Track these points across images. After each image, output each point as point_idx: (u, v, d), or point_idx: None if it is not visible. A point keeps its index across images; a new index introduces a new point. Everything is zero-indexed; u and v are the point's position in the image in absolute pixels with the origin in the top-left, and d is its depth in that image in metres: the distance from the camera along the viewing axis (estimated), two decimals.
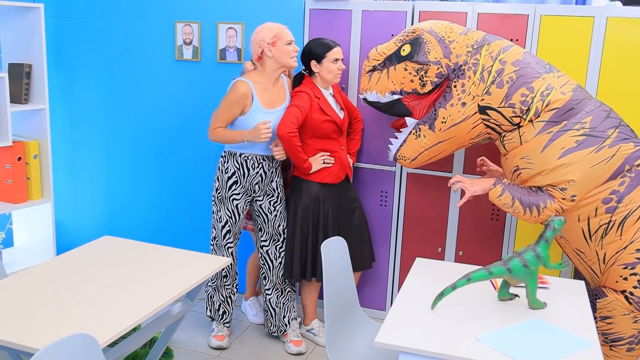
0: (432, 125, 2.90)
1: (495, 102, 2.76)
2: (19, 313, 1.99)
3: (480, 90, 2.79)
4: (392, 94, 2.94)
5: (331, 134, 3.21)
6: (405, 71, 2.89)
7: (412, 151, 2.99)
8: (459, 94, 2.82)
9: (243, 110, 3.06)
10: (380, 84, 2.95)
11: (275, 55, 3.04)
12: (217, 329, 3.35)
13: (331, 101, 3.23)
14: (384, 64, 2.94)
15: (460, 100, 2.82)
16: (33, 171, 3.64)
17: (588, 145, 2.63)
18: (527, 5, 3.18)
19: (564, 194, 2.67)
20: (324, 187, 3.23)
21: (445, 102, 2.86)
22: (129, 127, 4.04)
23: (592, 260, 2.75)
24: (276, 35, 3.02)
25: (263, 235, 3.29)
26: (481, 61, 2.81)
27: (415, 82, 2.89)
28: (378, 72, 2.96)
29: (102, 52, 4.01)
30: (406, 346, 1.88)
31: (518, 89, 2.72)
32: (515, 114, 2.73)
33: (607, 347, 2.72)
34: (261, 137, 2.98)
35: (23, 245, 3.93)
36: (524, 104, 2.72)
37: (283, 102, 3.15)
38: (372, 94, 2.98)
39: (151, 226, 4.13)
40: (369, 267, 3.46)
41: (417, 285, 2.37)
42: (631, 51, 3.06)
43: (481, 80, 2.78)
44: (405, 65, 2.88)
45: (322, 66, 3.15)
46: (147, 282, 2.27)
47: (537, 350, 1.88)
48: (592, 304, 2.74)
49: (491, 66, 2.78)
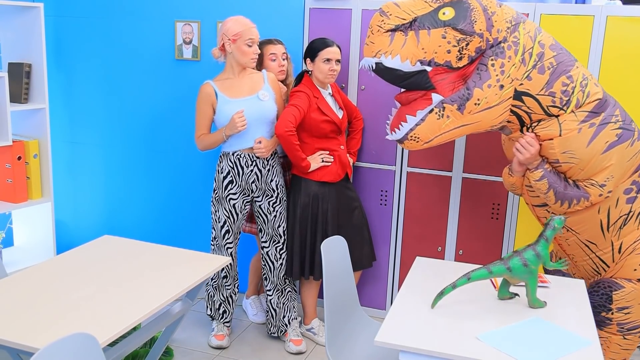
0: (463, 106, 2.52)
1: (535, 88, 2.52)
2: (19, 312, 1.99)
3: (520, 73, 2.51)
4: (419, 63, 2.49)
5: (330, 134, 3.21)
6: (443, 39, 2.46)
7: (429, 132, 2.57)
8: (498, 74, 2.50)
9: (214, 109, 3.08)
10: (406, 49, 2.47)
11: (234, 52, 3.04)
12: (217, 329, 3.35)
13: (330, 101, 3.23)
14: (410, 25, 2.49)
15: (499, 82, 2.50)
16: (33, 170, 3.64)
17: (625, 139, 2.55)
18: (527, 4, 3.18)
19: (601, 190, 2.56)
20: (323, 186, 3.23)
21: (481, 82, 2.50)
22: (129, 127, 4.04)
23: (605, 251, 2.71)
24: (238, 34, 3.00)
25: (263, 236, 3.29)
26: (521, 40, 2.51)
27: (453, 53, 2.48)
28: (401, 33, 2.49)
29: (102, 52, 4.01)
30: (406, 345, 1.88)
31: (559, 76, 2.51)
32: (554, 103, 2.52)
33: (621, 336, 2.70)
34: (237, 126, 2.98)
35: (23, 245, 3.93)
36: (565, 93, 2.51)
37: (255, 91, 3.11)
38: (392, 59, 2.48)
39: (151, 225, 4.13)
40: (369, 266, 3.46)
41: (417, 284, 2.37)
42: (631, 50, 3.06)
43: (522, 63, 2.50)
44: (444, 32, 2.46)
45: (315, 65, 3.16)
46: (147, 282, 2.27)
47: (537, 349, 1.88)
48: (596, 298, 2.73)
49: (531, 48, 2.51)
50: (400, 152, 3.51)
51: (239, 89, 3.10)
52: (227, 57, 3.09)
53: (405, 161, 3.50)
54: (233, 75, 3.11)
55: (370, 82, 3.48)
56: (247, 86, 3.11)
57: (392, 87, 3.44)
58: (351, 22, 3.46)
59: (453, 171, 3.44)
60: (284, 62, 3.34)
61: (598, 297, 2.71)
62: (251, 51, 3.04)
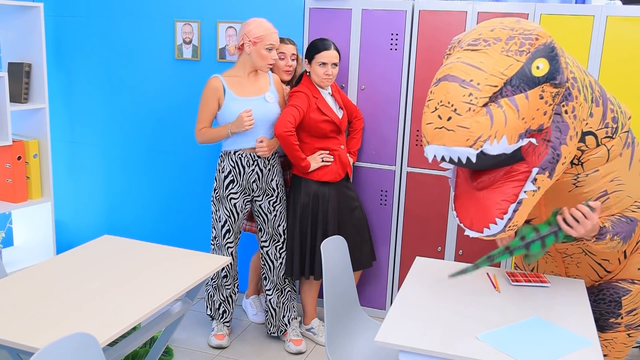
0: (553, 170, 2.01)
1: (595, 124, 2.15)
2: (19, 312, 1.98)
3: (585, 112, 2.10)
4: (519, 137, 1.91)
5: (329, 133, 3.21)
6: (540, 100, 1.93)
7: (524, 213, 2.00)
8: (572, 121, 2.03)
9: (219, 104, 3.08)
10: (510, 125, 1.87)
11: (252, 54, 3.05)
12: (217, 328, 3.35)
13: (329, 100, 3.23)
14: (501, 91, 1.89)
15: (575, 130, 2.05)
16: (33, 170, 3.64)
17: None
18: (527, 4, 3.18)
19: None
20: (322, 186, 3.23)
21: (563, 136, 2.02)
22: (128, 126, 4.04)
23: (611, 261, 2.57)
24: (260, 37, 3.01)
25: (263, 236, 3.29)
26: (576, 74, 2.08)
27: (548, 114, 1.97)
28: (496, 106, 1.87)
29: (101, 51, 4.01)
30: (406, 345, 1.88)
31: (606, 104, 2.18)
32: (607, 134, 2.17)
33: (625, 334, 2.68)
34: (244, 125, 2.99)
35: (23, 245, 3.93)
36: (614, 120, 2.19)
37: (262, 92, 3.13)
38: (498, 144, 1.86)
39: (151, 225, 4.13)
40: (369, 266, 3.46)
41: (417, 284, 2.37)
42: (631, 50, 3.06)
43: (585, 100, 2.09)
44: (541, 92, 1.93)
45: (312, 67, 3.16)
46: (147, 281, 2.27)
47: (537, 349, 1.88)
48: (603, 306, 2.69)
49: (583, 79, 2.11)
50: (400, 152, 3.51)
51: (247, 88, 3.10)
52: (242, 55, 3.10)
53: (405, 161, 3.50)
54: (243, 74, 3.12)
55: (370, 82, 3.48)
56: (255, 86, 3.12)
57: (392, 86, 3.44)
58: (351, 22, 3.46)
59: (453, 171, 3.43)
60: (292, 62, 3.33)
61: (606, 304, 2.63)
62: (270, 56, 3.05)
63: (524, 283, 2.39)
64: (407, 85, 3.43)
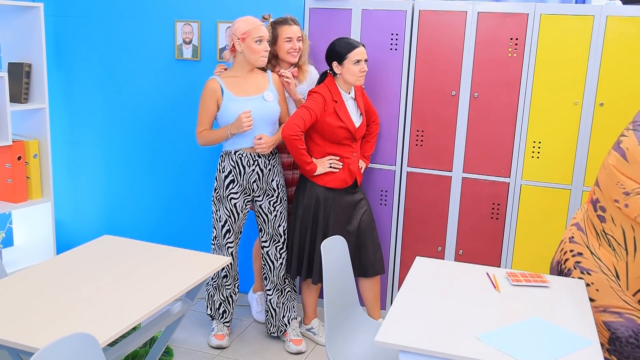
0: None
1: None
2: (19, 312, 1.99)
3: None
4: None
5: (343, 140, 3.14)
6: None
7: None
8: None
9: (218, 105, 3.08)
10: None
11: (244, 50, 3.04)
12: (217, 328, 3.35)
13: (350, 105, 3.15)
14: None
15: None
16: (33, 170, 3.64)
17: None
18: (527, 4, 3.18)
19: None
20: (327, 191, 3.17)
21: None
22: (128, 126, 4.04)
23: None
24: (246, 32, 3.00)
25: (263, 236, 3.29)
26: None
27: None
28: None
29: (101, 51, 4.01)
30: (406, 345, 1.88)
31: None
32: None
33: None
34: (243, 126, 2.99)
35: (23, 245, 3.93)
36: None
37: (261, 91, 3.11)
38: None
39: (151, 225, 4.13)
40: (383, 272, 3.36)
41: (417, 284, 2.36)
42: (631, 50, 3.06)
43: None
44: None
45: (344, 67, 3.05)
46: (147, 281, 2.27)
47: (537, 349, 1.88)
48: None
49: None
50: (400, 152, 3.51)
51: (245, 88, 3.10)
52: (237, 56, 3.10)
53: (405, 161, 3.50)
54: (241, 73, 3.12)
55: (371, 82, 3.47)
56: (253, 86, 3.12)
57: (392, 87, 3.44)
58: (351, 22, 3.46)
59: (453, 171, 3.44)
60: (298, 44, 3.27)
61: None
62: (261, 49, 3.03)
63: (524, 283, 2.39)
64: (407, 85, 3.43)
